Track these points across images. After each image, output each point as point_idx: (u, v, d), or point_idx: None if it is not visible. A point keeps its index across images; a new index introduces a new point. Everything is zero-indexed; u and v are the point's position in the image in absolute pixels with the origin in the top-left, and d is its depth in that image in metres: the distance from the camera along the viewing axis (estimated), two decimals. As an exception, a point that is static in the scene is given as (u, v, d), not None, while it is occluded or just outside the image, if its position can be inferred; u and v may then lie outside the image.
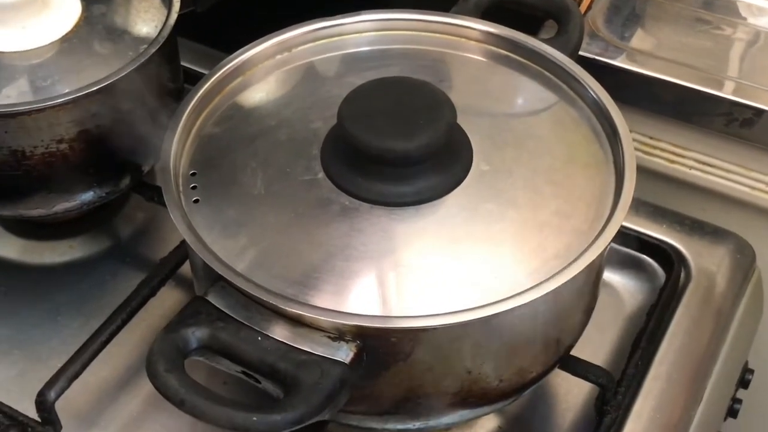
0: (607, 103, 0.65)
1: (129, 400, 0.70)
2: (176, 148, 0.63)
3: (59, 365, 0.66)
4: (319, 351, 0.52)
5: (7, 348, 0.73)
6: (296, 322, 0.53)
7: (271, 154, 0.64)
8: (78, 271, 0.79)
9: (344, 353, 0.52)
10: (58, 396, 0.64)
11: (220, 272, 0.55)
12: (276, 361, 0.52)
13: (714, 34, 0.87)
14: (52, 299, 0.76)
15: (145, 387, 0.70)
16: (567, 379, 0.69)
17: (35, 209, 0.72)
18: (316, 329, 0.53)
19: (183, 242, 0.73)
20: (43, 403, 0.64)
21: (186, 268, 0.74)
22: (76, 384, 0.66)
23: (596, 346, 0.70)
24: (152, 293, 0.70)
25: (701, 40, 0.87)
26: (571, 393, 0.71)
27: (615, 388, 0.67)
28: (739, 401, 0.78)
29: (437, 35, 0.72)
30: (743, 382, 0.77)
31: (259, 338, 0.53)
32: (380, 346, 0.54)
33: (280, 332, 0.53)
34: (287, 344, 0.52)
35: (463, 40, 0.71)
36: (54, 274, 0.79)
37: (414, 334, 0.54)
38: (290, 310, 0.53)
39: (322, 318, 0.53)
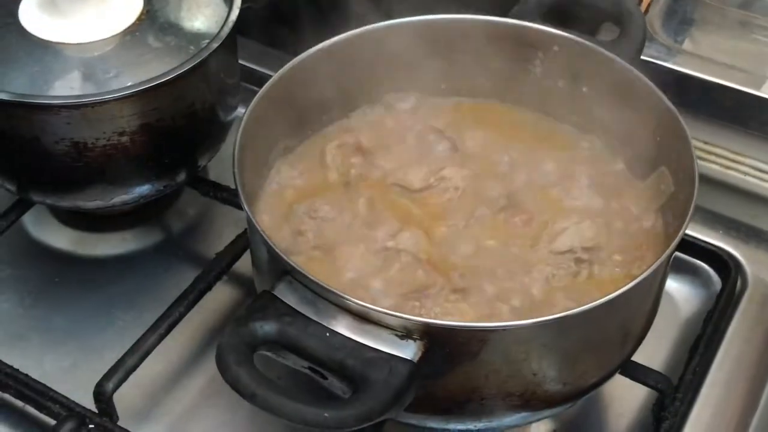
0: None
1: (183, 395, 0.70)
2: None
3: (112, 357, 0.66)
4: (387, 348, 0.52)
5: (62, 339, 0.74)
6: (364, 318, 0.53)
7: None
8: (131, 264, 0.79)
9: (412, 351, 0.52)
10: (116, 387, 0.65)
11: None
12: (344, 358, 0.52)
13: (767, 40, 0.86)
14: (105, 291, 0.77)
15: (199, 381, 0.71)
16: (621, 384, 0.68)
17: (93, 201, 0.72)
18: (383, 326, 0.53)
19: (239, 237, 0.73)
20: (101, 394, 0.64)
21: (238, 265, 0.74)
22: (131, 377, 0.66)
23: (652, 351, 0.69)
24: (209, 287, 0.70)
25: (755, 44, 0.86)
26: (625, 398, 0.70)
27: (673, 394, 0.66)
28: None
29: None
30: (797, 390, 0.76)
31: (327, 334, 0.52)
32: (448, 346, 0.54)
33: (348, 329, 0.53)
34: (355, 341, 0.52)
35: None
36: (107, 266, 0.79)
37: (482, 335, 0.54)
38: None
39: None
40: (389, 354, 0.52)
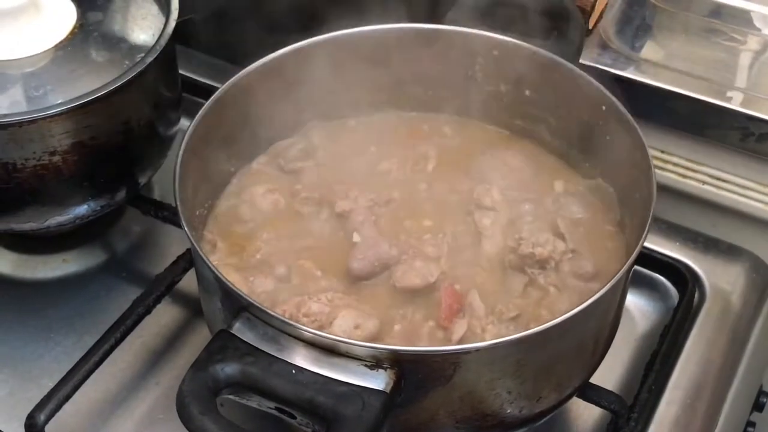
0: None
1: (121, 423, 0.67)
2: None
3: (51, 384, 0.64)
4: (357, 381, 0.50)
5: (-3, 366, 0.71)
6: (331, 351, 0.51)
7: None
8: (72, 287, 0.76)
9: (383, 381, 0.50)
10: (48, 419, 0.62)
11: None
12: (314, 395, 0.49)
13: (728, 46, 0.85)
14: (44, 315, 0.74)
15: (138, 408, 0.68)
16: (577, 404, 0.66)
17: (27, 223, 0.69)
18: (352, 358, 0.50)
19: (180, 257, 0.71)
20: (32, 426, 0.62)
21: (182, 284, 0.71)
22: (67, 405, 0.63)
23: (608, 368, 0.67)
24: (147, 311, 0.68)
25: (715, 51, 0.85)
26: (581, 418, 0.68)
27: (628, 414, 0.64)
28: (753, 424, 0.75)
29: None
30: (758, 406, 0.75)
31: (293, 371, 0.50)
32: (420, 372, 0.51)
33: (314, 363, 0.50)
34: (324, 376, 0.50)
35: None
36: (47, 290, 0.76)
37: (454, 358, 0.51)
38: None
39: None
40: (360, 386, 0.49)
